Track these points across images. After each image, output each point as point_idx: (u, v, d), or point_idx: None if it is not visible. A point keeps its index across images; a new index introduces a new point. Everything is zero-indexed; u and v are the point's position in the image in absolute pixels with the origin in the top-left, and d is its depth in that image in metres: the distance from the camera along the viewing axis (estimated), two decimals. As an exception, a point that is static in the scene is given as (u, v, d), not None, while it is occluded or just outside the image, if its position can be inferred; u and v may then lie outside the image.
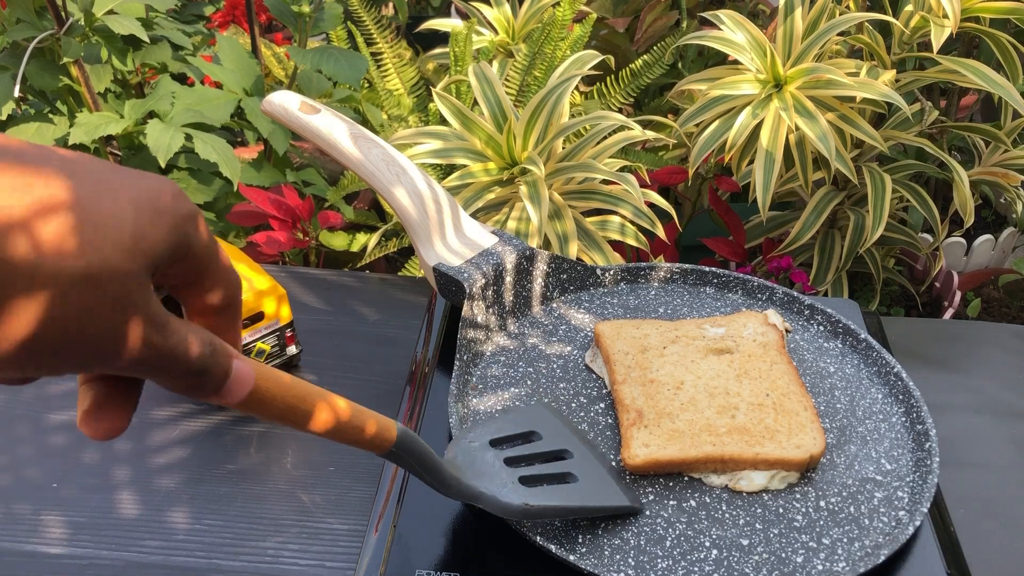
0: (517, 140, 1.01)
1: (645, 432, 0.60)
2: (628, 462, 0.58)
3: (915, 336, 0.94)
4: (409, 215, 0.69)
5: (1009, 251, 1.64)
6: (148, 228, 0.29)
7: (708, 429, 0.60)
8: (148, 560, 0.68)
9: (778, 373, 0.65)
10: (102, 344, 0.29)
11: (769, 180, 1.10)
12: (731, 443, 0.59)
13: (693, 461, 0.58)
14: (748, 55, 1.15)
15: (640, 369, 0.65)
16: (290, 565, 0.68)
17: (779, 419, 0.61)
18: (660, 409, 0.61)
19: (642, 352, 0.66)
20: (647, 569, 0.53)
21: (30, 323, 0.27)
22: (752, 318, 0.70)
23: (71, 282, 0.27)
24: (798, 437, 0.59)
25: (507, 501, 0.52)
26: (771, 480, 0.58)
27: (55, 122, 1.24)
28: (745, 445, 0.59)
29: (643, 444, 0.59)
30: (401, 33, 1.75)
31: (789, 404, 0.62)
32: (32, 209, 0.26)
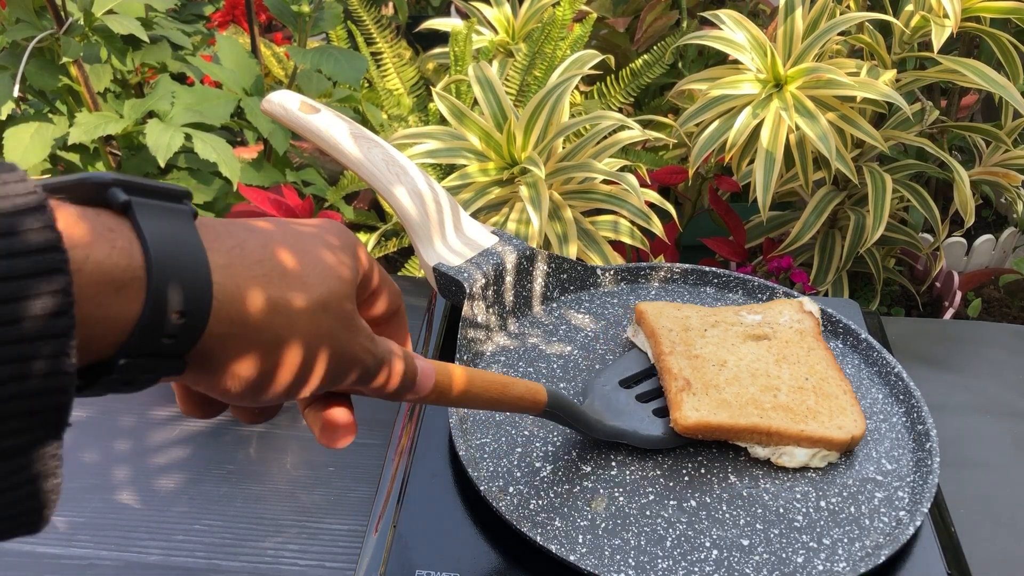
0: (517, 140, 1.01)
1: (694, 398, 0.61)
2: (680, 423, 0.59)
3: (915, 336, 0.93)
4: (409, 215, 0.69)
5: (1009, 251, 1.64)
6: (342, 259, 0.36)
7: (753, 403, 0.61)
8: (148, 560, 0.68)
9: (816, 359, 0.65)
10: (342, 360, 0.36)
11: (769, 180, 1.10)
12: (776, 418, 0.60)
13: (740, 429, 0.59)
14: (748, 55, 1.15)
15: (684, 345, 0.65)
16: (290, 565, 0.68)
17: (820, 401, 0.62)
18: (707, 381, 0.62)
19: (685, 331, 0.67)
20: (647, 569, 0.53)
21: (295, 351, 0.34)
22: (788, 305, 0.71)
23: (315, 310, 0.34)
24: (839, 419, 0.60)
25: (648, 433, 0.60)
26: (812, 458, 0.60)
27: (54, 122, 1.24)
28: (790, 421, 0.60)
29: (694, 408, 0.60)
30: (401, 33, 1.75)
31: (828, 388, 0.63)
32: (282, 264, 0.34)
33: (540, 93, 1.02)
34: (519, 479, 0.58)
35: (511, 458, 0.60)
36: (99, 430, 0.80)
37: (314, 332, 0.34)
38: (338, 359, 0.35)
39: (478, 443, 0.61)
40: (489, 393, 0.47)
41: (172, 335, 0.29)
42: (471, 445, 0.61)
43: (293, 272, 0.34)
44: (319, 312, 0.34)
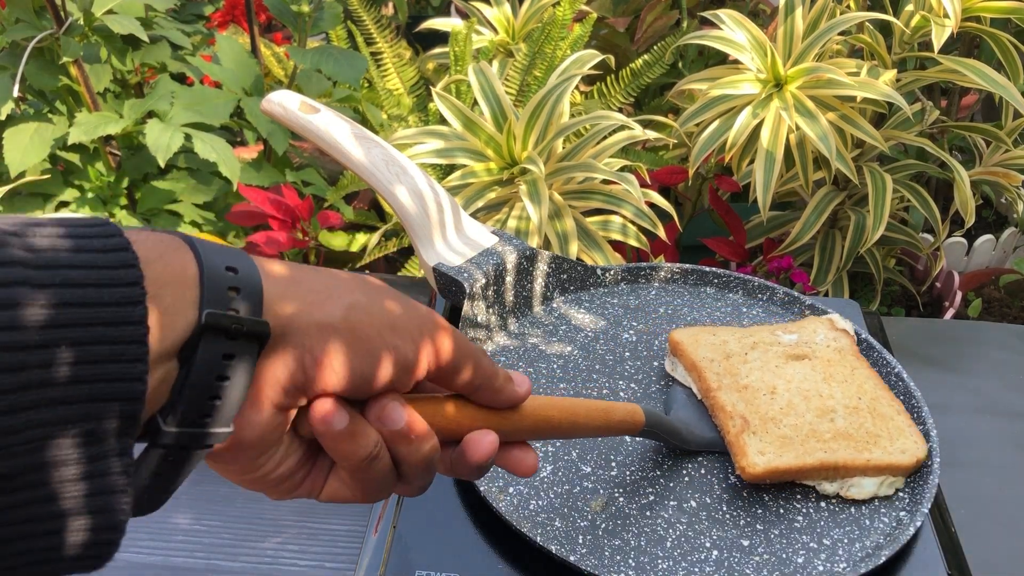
0: (517, 140, 1.01)
1: (756, 440, 0.59)
2: (748, 471, 0.57)
3: (916, 336, 0.93)
4: (409, 215, 0.69)
5: (1010, 251, 1.64)
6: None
7: (814, 435, 0.59)
8: (147, 560, 0.68)
9: (861, 378, 0.64)
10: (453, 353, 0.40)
11: (769, 180, 1.10)
12: (840, 449, 0.58)
13: (809, 469, 0.57)
14: (748, 55, 1.15)
15: (730, 376, 0.64)
16: (290, 566, 0.68)
17: (877, 423, 0.60)
18: (763, 414, 0.60)
19: (726, 359, 0.65)
20: (648, 570, 0.53)
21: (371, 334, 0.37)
22: (820, 324, 0.69)
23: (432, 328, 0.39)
24: (900, 441, 0.59)
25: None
26: (880, 486, 0.58)
27: (54, 122, 1.24)
28: (854, 451, 0.58)
29: (759, 452, 0.58)
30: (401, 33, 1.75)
31: (882, 408, 0.61)
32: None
33: (540, 93, 1.02)
34: (519, 480, 0.58)
35: (511, 458, 0.60)
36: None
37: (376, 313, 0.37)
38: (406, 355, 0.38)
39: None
40: (594, 421, 0.48)
41: (235, 308, 0.32)
42: None
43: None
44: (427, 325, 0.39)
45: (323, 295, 0.36)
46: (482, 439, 0.41)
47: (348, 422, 0.36)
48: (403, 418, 0.38)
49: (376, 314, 0.37)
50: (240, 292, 0.33)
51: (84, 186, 1.30)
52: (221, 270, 0.33)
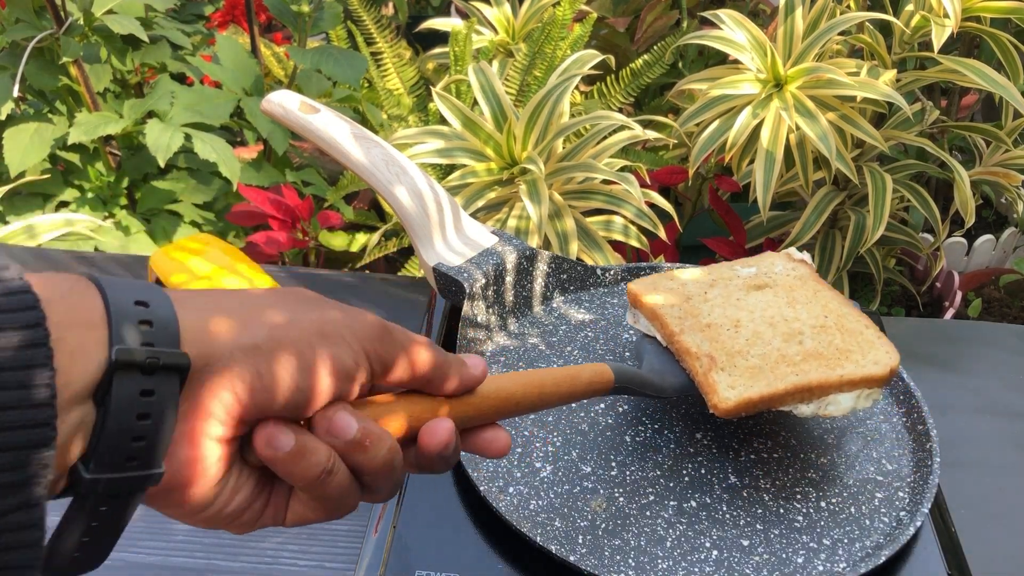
0: (517, 140, 1.01)
1: (725, 375, 0.58)
2: (720, 407, 0.56)
3: (916, 336, 0.93)
4: (409, 215, 0.69)
5: (1010, 251, 1.64)
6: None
7: (783, 360, 0.58)
8: (147, 560, 0.68)
9: (825, 298, 0.63)
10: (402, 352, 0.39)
11: (769, 180, 1.10)
12: (812, 370, 0.57)
13: (783, 395, 0.56)
14: (748, 55, 1.15)
15: (692, 317, 0.62)
16: (289, 566, 0.68)
17: (847, 339, 0.59)
18: (729, 349, 0.59)
19: (686, 301, 0.64)
20: (647, 570, 0.53)
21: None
22: (777, 257, 0.68)
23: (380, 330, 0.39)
24: (872, 354, 0.58)
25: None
26: (858, 400, 0.58)
27: (54, 122, 1.24)
28: (827, 369, 0.57)
29: (729, 387, 0.57)
30: (401, 33, 1.75)
31: (850, 324, 0.60)
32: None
33: (540, 93, 1.02)
34: (519, 479, 0.58)
35: (511, 458, 0.60)
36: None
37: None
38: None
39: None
40: (561, 388, 0.47)
41: (148, 341, 0.31)
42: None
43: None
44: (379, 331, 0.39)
45: (243, 317, 0.35)
46: (437, 427, 0.40)
47: (294, 442, 0.35)
48: (353, 426, 0.36)
49: (304, 325, 0.36)
50: (153, 325, 0.32)
51: (84, 186, 1.30)
52: (130, 305, 0.31)
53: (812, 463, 0.61)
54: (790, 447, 0.62)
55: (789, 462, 0.61)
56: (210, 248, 0.83)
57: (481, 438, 0.43)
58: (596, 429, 0.63)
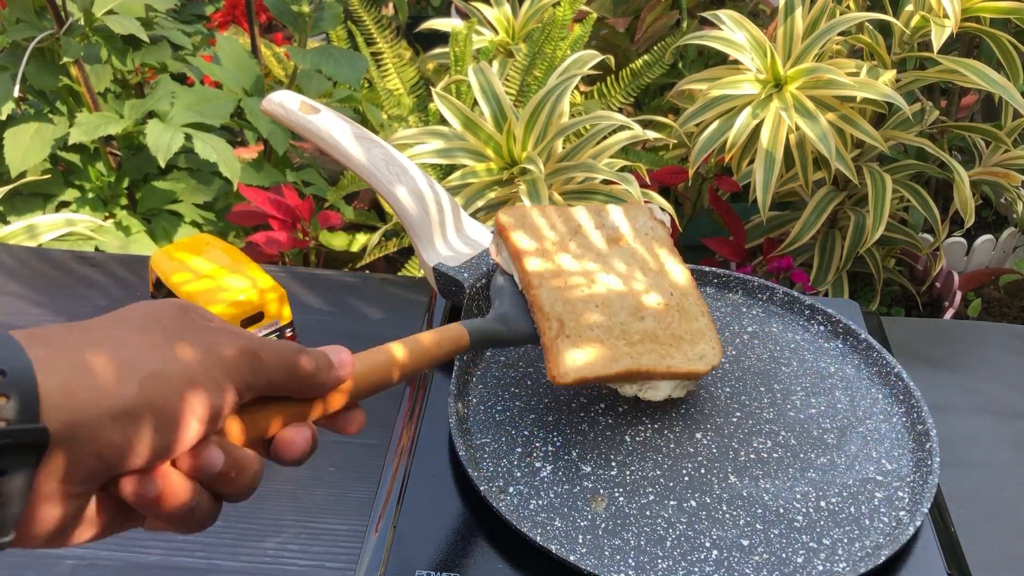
0: (517, 140, 1.01)
1: (569, 344, 0.60)
2: (559, 380, 0.58)
3: (916, 336, 0.93)
4: (409, 215, 0.69)
5: (1010, 251, 1.64)
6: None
7: (623, 336, 0.61)
8: (148, 560, 0.68)
9: (674, 272, 0.65)
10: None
11: (769, 180, 1.10)
12: (645, 354, 0.60)
13: (614, 376, 0.60)
14: (748, 55, 1.15)
15: (550, 267, 0.63)
16: (290, 565, 0.68)
17: (682, 324, 0.62)
18: (579, 318, 0.61)
19: (550, 245, 0.65)
20: (647, 569, 0.53)
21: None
22: (640, 211, 0.69)
23: (252, 351, 0.38)
24: (700, 346, 0.61)
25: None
26: (675, 389, 0.62)
27: (55, 122, 1.24)
28: (658, 357, 0.60)
29: (572, 359, 0.59)
30: (401, 33, 1.75)
31: (689, 306, 0.63)
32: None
33: (540, 93, 1.02)
34: (519, 479, 0.59)
35: (511, 458, 0.60)
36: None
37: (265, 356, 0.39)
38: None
39: (478, 443, 0.61)
40: (421, 361, 0.49)
41: (4, 414, 0.30)
42: (471, 445, 0.61)
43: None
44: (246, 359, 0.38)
45: (113, 372, 0.33)
46: (295, 438, 0.41)
47: (159, 488, 0.34)
48: (219, 460, 0.36)
49: (174, 376, 0.35)
50: (10, 398, 0.30)
51: (84, 186, 1.30)
52: None
53: (812, 463, 0.61)
54: (790, 447, 0.62)
55: (789, 462, 0.61)
56: (211, 248, 0.83)
57: (340, 419, 0.45)
58: (596, 429, 0.63)
